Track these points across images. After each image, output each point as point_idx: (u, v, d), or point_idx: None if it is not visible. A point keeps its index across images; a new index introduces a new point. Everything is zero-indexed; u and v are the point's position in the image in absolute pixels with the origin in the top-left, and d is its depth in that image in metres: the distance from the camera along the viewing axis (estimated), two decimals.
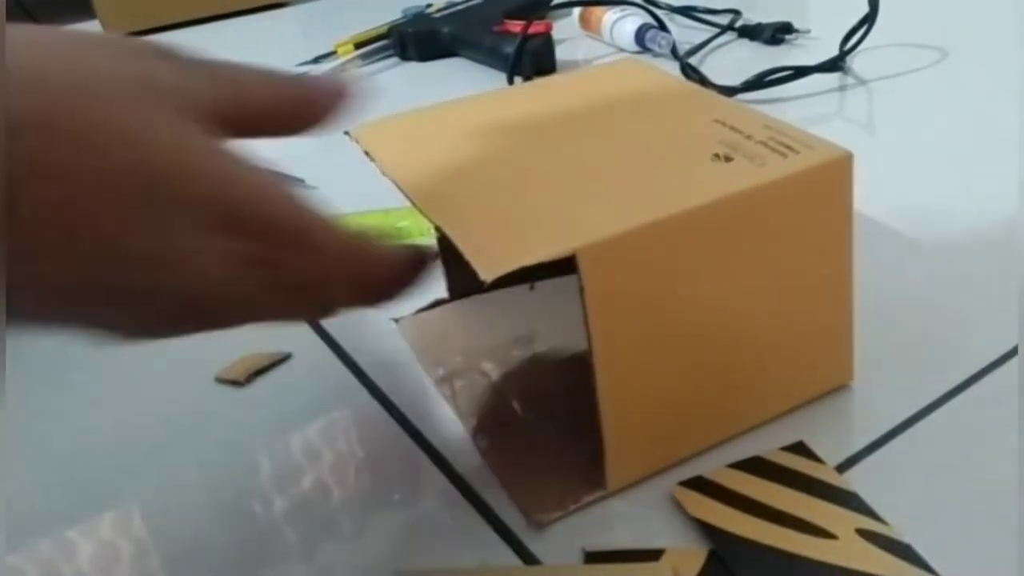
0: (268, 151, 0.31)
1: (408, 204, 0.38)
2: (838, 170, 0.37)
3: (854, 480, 0.38)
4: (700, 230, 0.35)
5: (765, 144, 0.38)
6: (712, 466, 0.39)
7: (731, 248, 0.36)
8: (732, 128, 0.40)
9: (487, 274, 0.31)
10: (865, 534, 0.35)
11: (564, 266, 0.33)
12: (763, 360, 0.40)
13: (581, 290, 0.33)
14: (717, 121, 0.41)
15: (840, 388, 0.43)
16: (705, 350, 0.38)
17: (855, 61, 0.81)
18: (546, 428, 0.42)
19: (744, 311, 0.38)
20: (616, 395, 0.36)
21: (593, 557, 0.36)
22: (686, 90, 0.45)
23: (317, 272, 0.30)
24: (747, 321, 0.38)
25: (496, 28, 0.92)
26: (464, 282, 0.49)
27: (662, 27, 0.90)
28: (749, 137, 0.39)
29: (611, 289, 0.34)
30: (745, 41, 0.91)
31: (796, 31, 0.89)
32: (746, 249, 0.37)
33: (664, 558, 0.35)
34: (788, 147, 0.38)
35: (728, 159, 0.37)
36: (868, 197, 0.60)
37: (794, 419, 0.41)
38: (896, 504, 0.36)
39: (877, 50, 0.81)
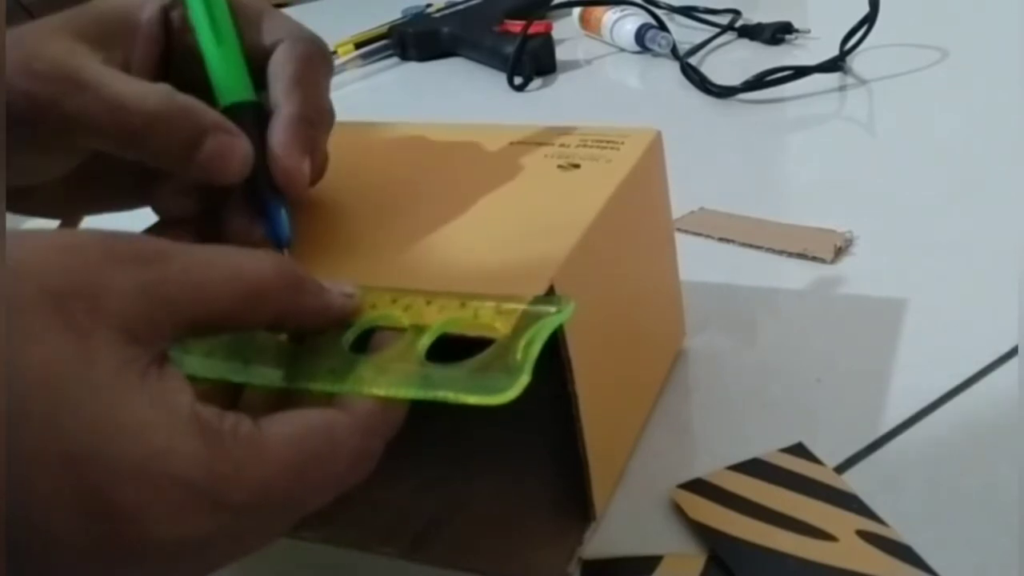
0: None
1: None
2: (658, 145, 0.42)
3: (853, 481, 0.38)
4: (611, 224, 0.37)
5: (588, 145, 0.40)
6: (710, 469, 0.39)
7: (626, 233, 0.39)
8: (541, 144, 0.41)
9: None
10: (865, 536, 0.35)
11: None
12: (650, 327, 0.43)
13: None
14: (516, 144, 0.42)
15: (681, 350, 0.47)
16: (632, 330, 0.40)
17: (855, 61, 0.81)
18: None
19: (641, 283, 0.42)
20: (593, 425, 0.35)
21: (590, 566, 0.36)
22: (449, 132, 0.44)
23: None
24: (644, 292, 0.42)
25: (496, 28, 0.92)
26: None
27: (662, 27, 0.90)
28: (565, 145, 0.41)
29: (579, 312, 0.33)
30: (745, 41, 0.91)
31: (796, 31, 0.88)
32: (633, 230, 0.40)
33: (662, 565, 0.35)
34: (609, 141, 0.41)
35: (575, 166, 0.39)
36: (868, 197, 0.60)
37: (793, 420, 0.41)
38: (896, 505, 0.36)
39: (877, 50, 0.81)
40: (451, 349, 0.29)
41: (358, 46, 1.00)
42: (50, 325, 0.23)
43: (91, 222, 0.40)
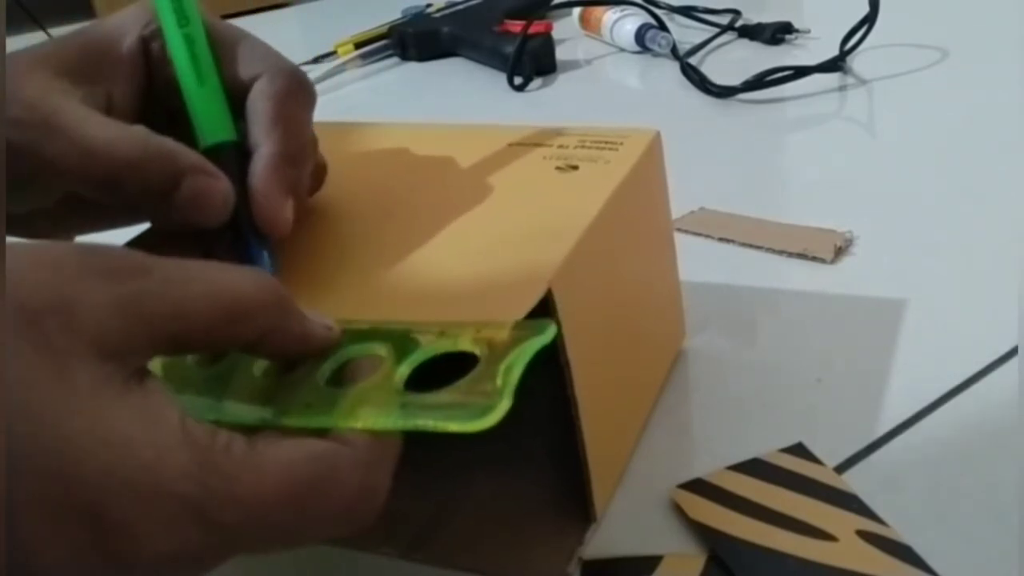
0: None
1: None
2: (657, 145, 0.41)
3: (853, 481, 0.38)
4: (609, 226, 0.37)
5: (586, 146, 0.40)
6: (710, 469, 0.39)
7: (625, 235, 0.39)
8: (538, 145, 0.41)
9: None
10: (865, 536, 0.35)
11: None
12: (650, 327, 0.43)
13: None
14: (514, 145, 0.41)
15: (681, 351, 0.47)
16: (631, 331, 0.40)
17: (855, 61, 0.81)
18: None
19: (641, 284, 0.42)
20: (593, 427, 0.35)
21: (590, 566, 0.36)
22: (448, 134, 0.44)
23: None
24: (643, 293, 0.42)
25: (496, 28, 0.92)
26: None
27: (662, 27, 0.90)
28: (563, 147, 0.41)
29: (577, 314, 0.33)
30: (745, 41, 0.91)
31: (796, 31, 0.89)
32: (633, 231, 0.40)
33: (662, 565, 0.35)
34: (608, 141, 0.40)
35: (573, 167, 0.39)
36: (868, 197, 0.60)
37: (793, 420, 0.41)
38: (896, 505, 0.36)
39: (877, 50, 0.81)
40: (433, 376, 0.29)
41: (358, 46, 1.00)
42: (25, 344, 0.23)
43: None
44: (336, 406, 0.28)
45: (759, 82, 0.77)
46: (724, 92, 0.78)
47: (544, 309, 0.31)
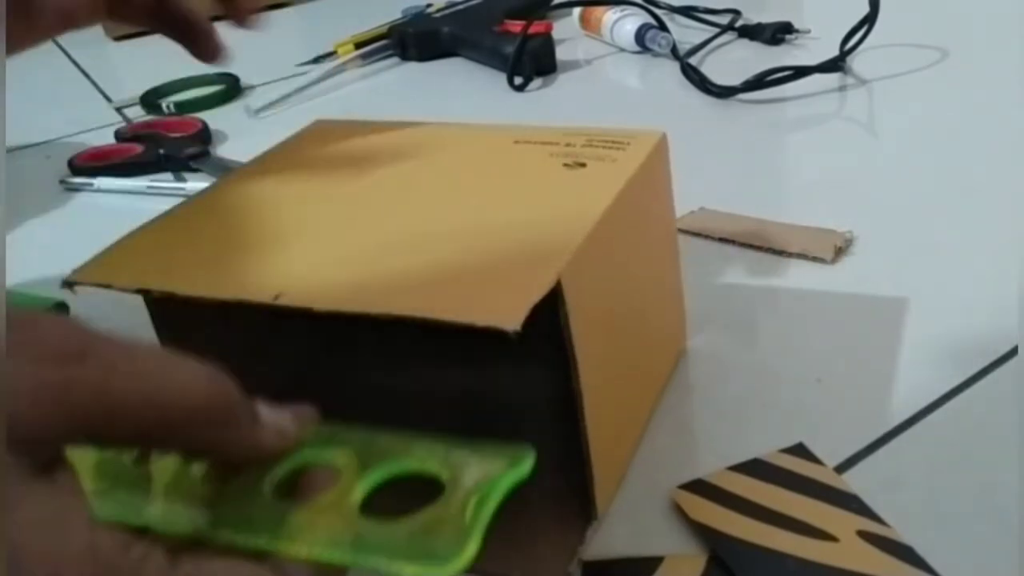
0: None
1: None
2: (664, 146, 0.42)
3: (853, 481, 0.38)
4: (617, 222, 0.37)
5: (593, 145, 0.41)
6: (711, 469, 0.39)
7: (632, 232, 0.39)
8: (545, 143, 0.42)
9: (513, 324, 0.29)
10: (866, 536, 0.35)
11: None
12: (654, 327, 0.44)
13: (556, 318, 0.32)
14: (521, 142, 0.42)
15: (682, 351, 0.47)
16: (636, 330, 0.40)
17: (855, 61, 0.81)
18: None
19: (646, 282, 0.42)
20: (597, 423, 0.35)
21: (591, 567, 0.36)
22: (455, 131, 0.45)
23: None
24: (648, 291, 0.43)
25: (496, 28, 0.92)
26: None
27: (662, 27, 0.90)
28: (571, 145, 0.41)
29: (584, 307, 0.34)
30: (745, 41, 0.91)
31: (796, 31, 0.89)
32: (639, 229, 0.40)
33: (663, 566, 0.35)
34: (615, 141, 0.41)
35: (580, 164, 0.39)
36: (868, 197, 0.60)
37: (793, 420, 0.41)
38: (897, 505, 0.36)
39: (877, 50, 0.81)
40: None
41: (358, 46, 1.00)
42: None
43: (83, 217, 0.39)
44: (281, 526, 0.25)
45: (759, 82, 0.77)
46: (724, 92, 0.78)
47: (553, 299, 0.31)
